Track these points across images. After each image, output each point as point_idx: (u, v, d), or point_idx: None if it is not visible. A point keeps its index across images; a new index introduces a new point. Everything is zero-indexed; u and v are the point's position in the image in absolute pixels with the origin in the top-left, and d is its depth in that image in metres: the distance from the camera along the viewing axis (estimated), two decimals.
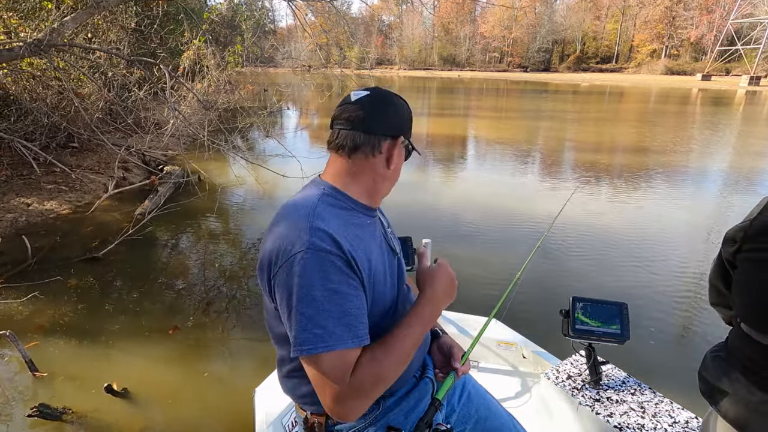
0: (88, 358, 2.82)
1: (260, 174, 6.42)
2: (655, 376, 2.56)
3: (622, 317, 1.51)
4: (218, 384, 2.62)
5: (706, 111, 19.67)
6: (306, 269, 0.81)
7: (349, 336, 0.82)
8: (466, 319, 2.21)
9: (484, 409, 1.19)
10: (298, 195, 0.97)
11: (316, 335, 0.80)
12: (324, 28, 9.02)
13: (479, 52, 71.76)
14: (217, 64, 8.02)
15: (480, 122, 16.13)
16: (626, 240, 4.90)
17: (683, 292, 3.81)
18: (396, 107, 0.96)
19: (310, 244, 0.82)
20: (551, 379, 1.60)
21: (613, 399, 1.49)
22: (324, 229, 0.84)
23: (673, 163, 8.88)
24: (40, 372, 2.57)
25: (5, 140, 5.51)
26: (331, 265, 0.82)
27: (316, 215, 0.86)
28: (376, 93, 0.96)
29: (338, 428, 1.02)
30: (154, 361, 2.81)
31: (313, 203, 0.89)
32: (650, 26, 59.14)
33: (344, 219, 0.91)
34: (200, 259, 4.49)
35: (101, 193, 5.96)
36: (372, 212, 1.00)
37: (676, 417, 1.42)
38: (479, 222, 5.52)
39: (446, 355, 1.11)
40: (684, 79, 46.73)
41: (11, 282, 3.69)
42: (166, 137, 6.88)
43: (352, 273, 0.85)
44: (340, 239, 0.85)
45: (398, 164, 0.99)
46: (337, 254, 0.83)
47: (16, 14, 6.79)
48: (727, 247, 1.06)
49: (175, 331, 3.11)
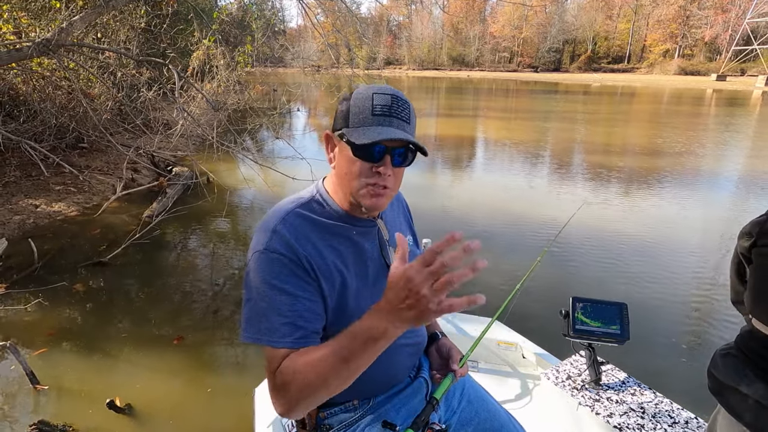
0: (91, 369, 2.72)
1: (269, 176, 6.32)
2: (655, 377, 2.51)
3: (622, 318, 1.51)
4: (223, 398, 2.51)
5: (720, 112, 19.25)
6: (259, 265, 0.85)
7: (285, 333, 0.82)
8: (467, 319, 2.21)
9: (484, 411, 1.17)
10: (295, 194, 0.98)
11: (257, 327, 0.84)
12: (335, 27, 8.91)
13: (489, 52, 71.34)
14: (227, 64, 7.94)
15: (489, 123, 15.97)
16: (634, 243, 4.82)
17: (688, 295, 3.77)
18: (341, 104, 0.92)
19: (267, 246, 0.85)
20: (551, 379, 1.59)
21: (613, 399, 1.49)
22: (284, 234, 0.87)
23: (686, 165, 8.68)
24: (41, 385, 2.47)
25: (13, 141, 5.46)
26: (282, 266, 0.84)
27: (282, 221, 0.89)
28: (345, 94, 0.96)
29: (329, 422, 1.03)
30: (158, 374, 2.70)
31: (288, 210, 0.91)
32: (663, 26, 58.29)
33: (317, 228, 0.91)
34: (208, 263, 4.39)
35: (109, 195, 5.90)
36: (357, 221, 0.95)
37: (676, 417, 1.41)
38: (485, 224, 5.49)
39: (445, 358, 1.09)
40: (698, 79, 45.96)
41: (16, 287, 3.61)
42: (175, 138, 6.82)
43: (307, 277, 0.86)
44: (299, 247, 0.86)
45: (340, 160, 0.91)
46: (291, 258, 0.85)
47: (27, 14, 6.77)
48: (742, 242, 1.05)
49: (180, 341, 3.00)
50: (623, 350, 1.51)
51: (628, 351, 1.61)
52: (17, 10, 6.67)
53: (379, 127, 0.85)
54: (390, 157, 0.87)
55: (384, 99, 0.87)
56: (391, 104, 0.87)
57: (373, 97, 0.87)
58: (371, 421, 1.02)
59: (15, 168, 6.05)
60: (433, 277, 0.64)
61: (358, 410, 1.03)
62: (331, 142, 0.94)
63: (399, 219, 1.13)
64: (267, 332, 0.83)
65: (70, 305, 3.41)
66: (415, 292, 0.64)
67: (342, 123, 0.89)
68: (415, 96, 23.96)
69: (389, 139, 0.83)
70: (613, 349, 1.51)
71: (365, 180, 0.87)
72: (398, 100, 0.88)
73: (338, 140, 0.91)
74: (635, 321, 1.59)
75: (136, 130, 7.44)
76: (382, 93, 0.88)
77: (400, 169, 0.91)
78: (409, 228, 1.17)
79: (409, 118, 0.89)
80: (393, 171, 0.88)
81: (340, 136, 0.89)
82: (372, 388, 1.04)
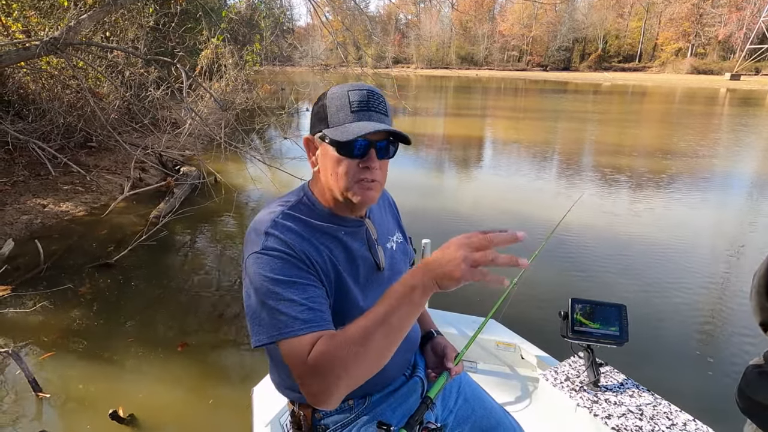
0: (94, 376, 2.66)
1: (277, 176, 6.26)
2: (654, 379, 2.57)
3: (621, 319, 1.51)
4: (225, 408, 2.44)
5: (734, 112, 18.89)
6: (259, 266, 0.83)
7: (306, 320, 0.80)
8: (463, 319, 2.19)
9: (480, 409, 1.18)
10: (280, 196, 0.98)
11: (270, 326, 0.81)
12: (345, 25, 8.83)
13: (498, 51, 70.84)
14: (235, 63, 7.89)
15: (496, 122, 15.82)
16: (640, 245, 4.78)
17: (689, 295, 3.77)
18: (316, 106, 0.92)
19: (263, 247, 0.84)
20: (550, 380, 1.59)
21: (611, 401, 1.49)
22: (277, 235, 0.86)
23: (698, 166, 8.51)
24: (43, 392, 2.42)
25: (21, 141, 5.46)
26: (283, 261, 0.83)
27: (274, 223, 0.88)
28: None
29: (325, 422, 1.03)
30: (162, 382, 2.64)
31: (278, 212, 0.91)
32: (676, 24, 57.46)
33: (307, 228, 0.90)
34: (214, 265, 4.34)
35: (117, 195, 5.87)
36: (345, 221, 0.96)
37: (674, 419, 1.41)
38: (488, 223, 5.41)
39: (440, 356, 1.09)
40: (711, 78, 45.22)
41: (22, 289, 3.58)
42: (183, 137, 6.78)
43: (310, 269, 0.85)
44: (295, 244, 0.86)
45: (323, 161, 0.91)
46: (289, 253, 0.84)
47: (37, 12, 6.77)
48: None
49: (184, 347, 2.94)
50: (622, 352, 1.51)
51: (627, 353, 1.61)
52: (27, 9, 6.67)
53: (360, 122, 0.86)
54: (374, 150, 0.88)
55: (360, 95, 0.87)
56: (368, 99, 0.87)
57: (348, 95, 0.87)
58: (367, 421, 1.02)
59: (23, 167, 6.05)
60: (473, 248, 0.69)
61: (354, 410, 1.03)
62: (312, 146, 0.94)
63: (387, 217, 1.13)
64: (284, 326, 0.80)
65: (75, 309, 3.36)
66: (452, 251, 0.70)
67: (321, 124, 0.89)
68: (423, 95, 23.79)
69: (373, 132, 0.84)
70: (612, 351, 1.51)
71: (354, 177, 0.88)
72: (374, 95, 0.89)
73: (320, 142, 0.91)
74: (636, 323, 1.59)
75: (144, 129, 7.42)
76: (358, 89, 0.88)
77: (385, 162, 0.93)
78: (397, 225, 1.17)
79: (386, 110, 0.90)
80: (379, 164, 0.90)
81: (322, 138, 0.89)
82: (367, 386, 1.00)
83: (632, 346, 1.54)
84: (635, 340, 1.53)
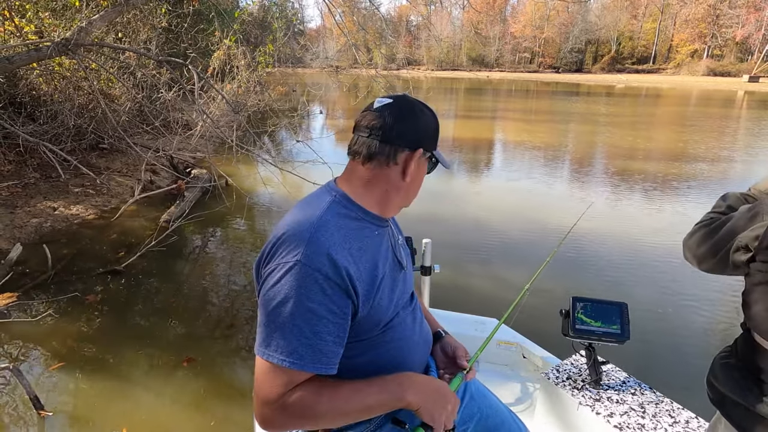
0: (97, 393, 2.53)
1: (288, 179, 6.15)
2: (656, 377, 2.56)
3: (623, 317, 1.51)
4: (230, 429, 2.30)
5: (752, 115, 18.40)
6: (296, 281, 0.80)
7: (309, 360, 0.80)
8: (468, 320, 2.21)
9: (486, 407, 1.19)
10: (308, 198, 0.96)
11: (278, 345, 0.80)
12: (360, 25, 8.72)
13: (509, 53, 70.33)
14: (248, 64, 7.81)
15: (507, 124, 15.61)
16: (647, 247, 4.76)
17: (689, 296, 3.78)
18: (417, 118, 0.93)
19: (304, 257, 0.81)
20: (551, 379, 1.59)
21: (613, 399, 1.49)
22: (322, 243, 0.83)
23: (713, 171, 8.27)
24: (45, 410, 2.30)
25: (33, 143, 5.40)
26: (316, 285, 0.80)
27: (319, 225, 0.85)
28: (399, 101, 0.93)
29: None
30: (166, 400, 2.50)
31: (321, 211, 0.88)
32: (692, 25, 56.42)
33: (349, 230, 0.89)
34: (225, 272, 4.21)
35: (128, 197, 5.79)
36: (382, 222, 0.97)
37: (677, 417, 1.41)
38: (498, 228, 5.42)
39: (450, 356, 1.11)
40: (728, 80, 44.29)
41: (28, 296, 3.48)
42: (194, 139, 6.70)
43: (338, 297, 0.82)
44: (338, 256, 0.82)
45: (416, 177, 0.97)
46: (326, 275, 0.81)
47: (51, 13, 6.74)
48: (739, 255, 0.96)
49: (190, 362, 2.80)
50: (624, 350, 1.51)
51: (629, 351, 1.62)
52: (41, 10, 6.64)
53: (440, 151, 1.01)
54: None
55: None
56: None
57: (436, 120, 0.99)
58: (384, 419, 1.03)
59: (34, 169, 6.00)
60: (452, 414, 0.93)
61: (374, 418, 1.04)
62: (413, 158, 0.94)
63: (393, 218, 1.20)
64: (297, 357, 0.80)
65: (80, 318, 3.25)
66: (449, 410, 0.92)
67: (432, 145, 0.97)
68: (434, 97, 23.62)
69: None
70: (613, 349, 1.51)
71: None
72: None
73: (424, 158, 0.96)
74: (637, 321, 1.59)
75: (155, 131, 7.35)
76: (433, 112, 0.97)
77: None
78: (394, 223, 1.19)
79: None
80: None
81: (430, 158, 0.98)
82: None
83: (633, 344, 1.55)
84: (637, 338, 1.52)
